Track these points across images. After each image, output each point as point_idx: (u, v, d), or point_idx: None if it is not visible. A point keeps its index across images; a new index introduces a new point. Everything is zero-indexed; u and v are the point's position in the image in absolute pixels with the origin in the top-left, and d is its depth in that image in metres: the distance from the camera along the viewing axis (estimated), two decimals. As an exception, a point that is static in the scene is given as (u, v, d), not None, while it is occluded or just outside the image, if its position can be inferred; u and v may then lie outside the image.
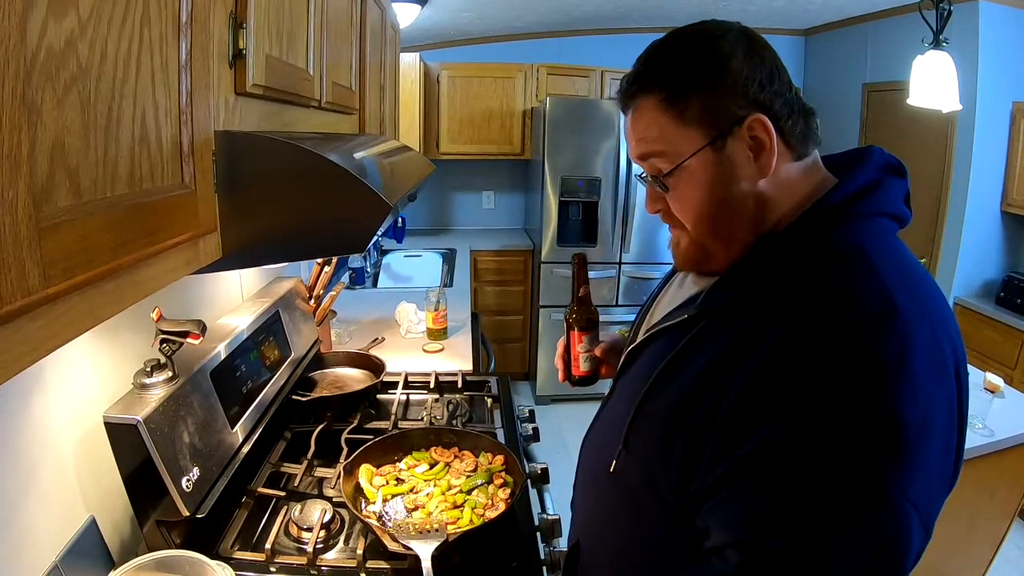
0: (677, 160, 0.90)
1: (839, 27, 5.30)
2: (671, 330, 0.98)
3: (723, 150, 0.88)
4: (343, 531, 1.47)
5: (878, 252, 0.84)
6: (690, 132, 0.88)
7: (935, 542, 0.92)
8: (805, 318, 0.79)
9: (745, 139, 0.87)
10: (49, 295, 0.56)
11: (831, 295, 0.81)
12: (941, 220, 4.37)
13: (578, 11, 4.76)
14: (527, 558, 1.40)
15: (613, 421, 1.06)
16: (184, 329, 1.31)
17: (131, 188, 0.71)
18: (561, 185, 4.57)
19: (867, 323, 0.76)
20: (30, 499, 1.10)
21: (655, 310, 1.15)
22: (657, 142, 0.91)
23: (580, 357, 1.38)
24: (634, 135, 0.95)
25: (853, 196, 0.88)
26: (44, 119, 0.55)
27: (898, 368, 0.74)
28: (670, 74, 0.89)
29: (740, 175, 0.88)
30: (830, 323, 0.78)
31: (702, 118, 0.87)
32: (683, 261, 1.01)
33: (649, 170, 0.95)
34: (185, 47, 0.82)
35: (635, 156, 0.96)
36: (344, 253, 1.13)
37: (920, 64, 2.75)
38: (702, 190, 0.90)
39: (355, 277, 3.86)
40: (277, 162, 0.99)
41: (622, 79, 0.96)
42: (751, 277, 0.90)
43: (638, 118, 0.93)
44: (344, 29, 1.71)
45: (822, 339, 0.77)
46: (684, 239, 0.97)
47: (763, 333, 0.81)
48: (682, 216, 0.94)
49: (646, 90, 0.91)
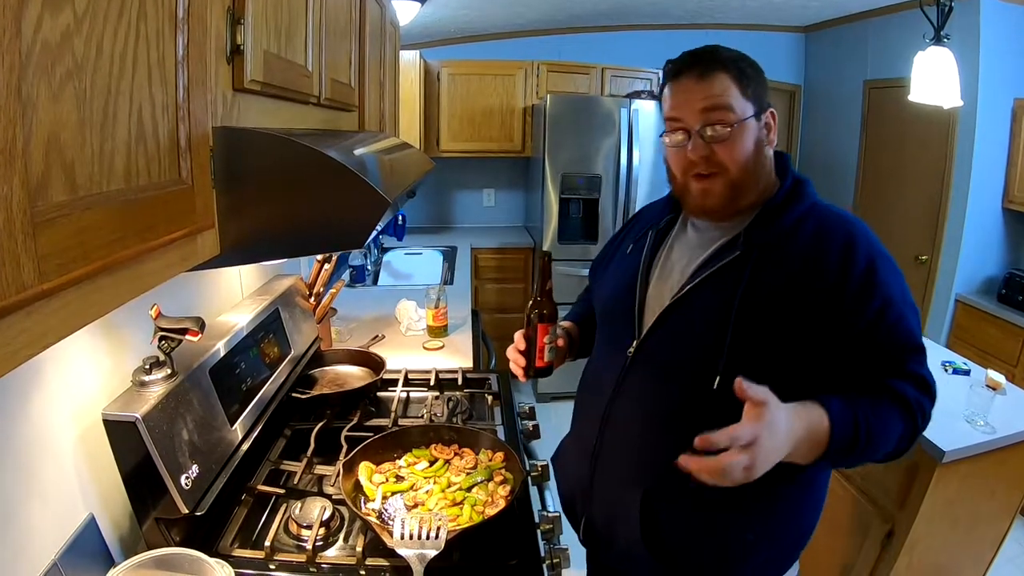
0: (740, 118, 1.25)
1: (840, 24, 5.30)
2: (721, 272, 1.28)
3: (759, 122, 1.28)
4: (343, 529, 1.47)
5: (821, 202, 1.33)
6: (747, 104, 1.26)
7: (936, 541, 0.97)
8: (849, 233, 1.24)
9: (763, 120, 1.29)
10: (44, 290, 0.56)
11: (842, 219, 1.28)
12: (942, 217, 4.37)
13: (578, 8, 4.75)
14: (527, 555, 1.40)
15: (687, 352, 1.30)
16: (183, 326, 1.31)
17: (127, 183, 0.71)
18: (562, 182, 4.56)
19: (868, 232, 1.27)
20: (29, 497, 1.10)
21: (663, 268, 1.41)
22: (728, 100, 1.24)
23: (545, 348, 1.48)
24: (706, 92, 1.25)
25: (797, 177, 1.35)
26: (39, 114, 0.55)
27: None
28: (738, 66, 1.26)
29: (764, 141, 1.30)
30: (860, 233, 1.25)
31: (753, 98, 1.27)
32: (715, 203, 1.30)
33: (712, 120, 1.24)
34: (182, 42, 0.82)
35: (700, 109, 1.25)
36: (343, 249, 1.13)
37: (921, 60, 2.74)
38: (749, 143, 1.27)
39: (355, 275, 3.86)
40: (275, 158, 0.99)
41: (687, 56, 1.29)
42: (775, 221, 1.28)
43: (714, 83, 1.25)
44: (343, 26, 1.71)
45: (864, 241, 1.24)
46: (718, 184, 1.28)
47: (825, 246, 1.23)
48: (730, 159, 1.25)
49: (721, 68, 1.25)
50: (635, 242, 1.52)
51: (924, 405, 1.21)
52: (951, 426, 2.18)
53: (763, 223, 1.29)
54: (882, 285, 1.21)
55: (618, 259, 1.56)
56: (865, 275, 1.20)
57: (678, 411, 1.31)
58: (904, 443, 1.21)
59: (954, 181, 4.27)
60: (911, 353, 1.23)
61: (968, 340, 4.16)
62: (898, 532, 2.21)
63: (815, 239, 1.25)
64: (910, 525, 2.16)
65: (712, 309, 1.27)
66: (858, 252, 1.22)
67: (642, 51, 5.51)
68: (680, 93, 1.29)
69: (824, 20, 5.40)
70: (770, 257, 1.25)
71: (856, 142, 5.16)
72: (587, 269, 1.49)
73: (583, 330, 1.69)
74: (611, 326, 1.49)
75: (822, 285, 1.20)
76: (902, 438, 1.20)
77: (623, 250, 1.55)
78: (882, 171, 4.95)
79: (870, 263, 1.21)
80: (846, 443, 1.13)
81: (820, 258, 1.22)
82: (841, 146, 5.29)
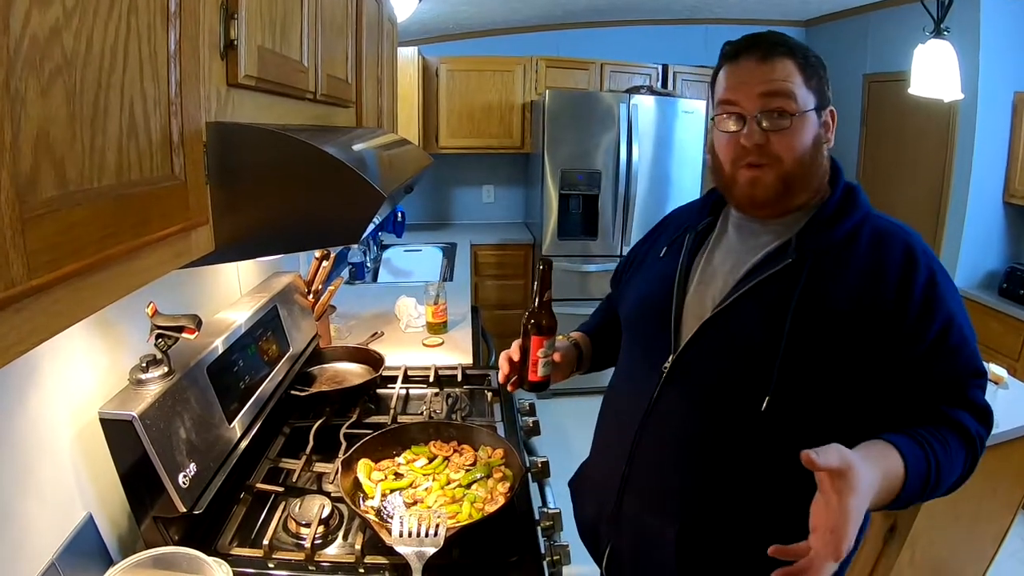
0: (802, 109, 1.16)
1: (839, 18, 5.28)
2: (770, 281, 1.19)
3: (819, 117, 1.19)
4: (342, 526, 1.46)
5: (875, 212, 1.24)
6: (809, 95, 1.17)
7: (938, 536, 0.97)
8: (907, 244, 1.16)
9: (823, 117, 1.21)
10: (34, 287, 0.55)
11: (899, 229, 1.20)
12: (943, 211, 4.36)
13: (576, 4, 4.75)
14: (526, 552, 1.39)
15: (731, 370, 1.20)
16: (179, 324, 1.30)
17: (119, 179, 0.70)
18: (561, 178, 4.55)
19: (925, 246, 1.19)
20: (27, 496, 1.09)
21: (704, 273, 1.31)
22: (792, 86, 1.16)
23: (539, 362, 1.38)
24: (769, 76, 1.16)
25: (848, 181, 1.27)
26: (28, 109, 0.54)
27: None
28: (804, 54, 1.18)
29: (823, 139, 1.21)
30: (918, 245, 1.17)
31: (816, 90, 1.18)
32: (764, 194, 1.20)
33: (771, 106, 1.16)
34: (174, 37, 0.81)
35: (760, 93, 1.16)
36: (339, 244, 1.12)
37: (921, 53, 2.74)
38: (808, 137, 1.17)
39: (355, 272, 3.85)
40: (269, 153, 0.98)
41: (749, 38, 1.20)
42: (830, 228, 1.19)
43: (777, 67, 1.16)
44: (339, 21, 1.70)
45: (923, 253, 1.16)
46: (770, 175, 1.18)
47: (884, 258, 1.15)
48: (787, 151, 1.16)
49: (786, 54, 1.17)
50: (670, 244, 1.40)
51: (983, 436, 1.14)
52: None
53: (815, 229, 1.19)
54: (944, 301, 1.13)
55: (649, 263, 1.45)
56: (926, 290, 1.12)
57: (720, 436, 1.21)
58: (965, 476, 1.14)
59: (955, 175, 4.26)
60: (972, 378, 1.14)
61: (969, 334, 4.15)
62: (900, 527, 2.20)
63: (872, 250, 1.17)
64: (912, 520, 2.15)
65: (762, 321, 1.17)
66: (919, 265, 1.14)
67: (641, 46, 5.50)
68: (738, 74, 1.19)
69: (824, 14, 5.39)
70: (824, 266, 1.16)
71: (856, 136, 5.15)
72: (588, 266, 1.43)
73: (598, 342, 1.61)
74: (642, 338, 1.38)
75: (882, 300, 1.12)
76: (963, 474, 1.13)
77: (655, 253, 1.43)
78: (882, 165, 4.94)
79: (931, 277, 1.14)
80: (919, 486, 1.06)
81: (879, 270, 1.14)
82: (841, 140, 5.22)
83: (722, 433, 1.21)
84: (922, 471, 1.05)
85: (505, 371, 1.44)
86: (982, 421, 1.14)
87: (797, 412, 1.16)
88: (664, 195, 4.65)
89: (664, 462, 1.27)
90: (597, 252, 4.68)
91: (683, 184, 4.62)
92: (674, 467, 1.26)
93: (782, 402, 1.14)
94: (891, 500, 1.04)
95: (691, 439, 1.24)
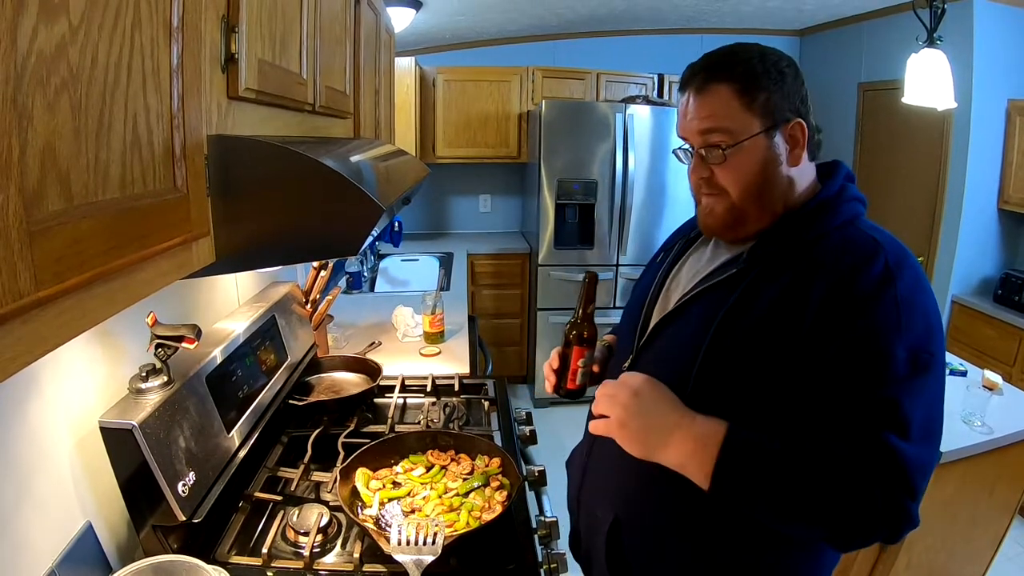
0: (739, 138, 1.11)
1: (833, 27, 5.32)
2: (715, 289, 1.17)
3: (772, 138, 1.12)
4: (340, 535, 1.47)
5: (864, 223, 1.16)
6: (752, 119, 1.11)
7: (935, 541, 0.96)
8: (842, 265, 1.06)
9: (786, 135, 1.13)
10: (40, 299, 0.56)
11: (869, 241, 1.08)
12: (938, 218, 4.39)
13: (573, 14, 4.77)
14: (523, 560, 1.40)
15: (665, 372, 1.17)
16: (179, 334, 1.31)
17: (122, 192, 0.71)
18: (558, 188, 4.57)
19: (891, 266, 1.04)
20: (27, 505, 1.10)
21: (673, 281, 1.33)
22: (725, 119, 1.11)
23: (578, 372, 1.39)
24: (701, 112, 1.14)
25: (839, 189, 1.18)
26: (35, 124, 0.56)
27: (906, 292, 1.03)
28: (747, 72, 1.11)
29: (779, 160, 1.14)
30: (890, 253, 1.05)
31: (763, 110, 1.11)
32: (716, 223, 1.20)
33: (709, 142, 1.14)
34: (176, 52, 0.82)
35: (696, 130, 1.15)
36: (337, 256, 1.13)
37: (915, 63, 2.75)
38: (753, 164, 1.13)
39: (352, 281, 3.86)
40: (269, 165, 0.99)
41: (693, 66, 1.17)
42: (788, 238, 1.13)
43: (709, 99, 1.13)
44: (338, 33, 1.72)
45: (893, 260, 1.04)
46: (720, 205, 1.17)
47: (839, 261, 1.06)
48: (730, 184, 1.14)
49: (723, 79, 1.12)
50: (665, 251, 1.44)
51: (890, 489, 0.97)
52: (948, 427, 2.17)
53: (778, 237, 1.14)
54: (878, 318, 1.00)
55: (649, 268, 1.48)
56: (865, 299, 1.01)
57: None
58: (838, 537, 1.03)
59: (949, 182, 4.28)
60: (885, 419, 0.98)
61: (965, 341, 4.17)
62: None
63: (830, 255, 1.08)
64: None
65: (694, 330, 1.17)
66: (870, 270, 1.03)
67: (637, 56, 5.54)
68: (682, 109, 1.19)
69: (818, 23, 5.43)
70: (772, 274, 1.11)
71: (851, 144, 5.18)
72: (583, 274, 1.43)
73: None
74: (621, 337, 1.44)
75: (815, 302, 1.04)
76: (833, 527, 1.01)
77: (656, 259, 1.47)
78: (877, 173, 4.97)
79: (879, 288, 1.01)
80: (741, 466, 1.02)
81: (826, 273, 1.06)
82: (836, 148, 5.29)
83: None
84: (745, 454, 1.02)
85: (552, 381, 1.44)
86: (890, 477, 0.97)
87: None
88: (660, 205, 4.67)
89: (610, 455, 1.26)
90: (593, 262, 4.70)
91: (679, 194, 4.63)
92: (614, 464, 1.28)
93: (699, 408, 1.10)
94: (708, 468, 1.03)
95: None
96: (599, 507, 1.33)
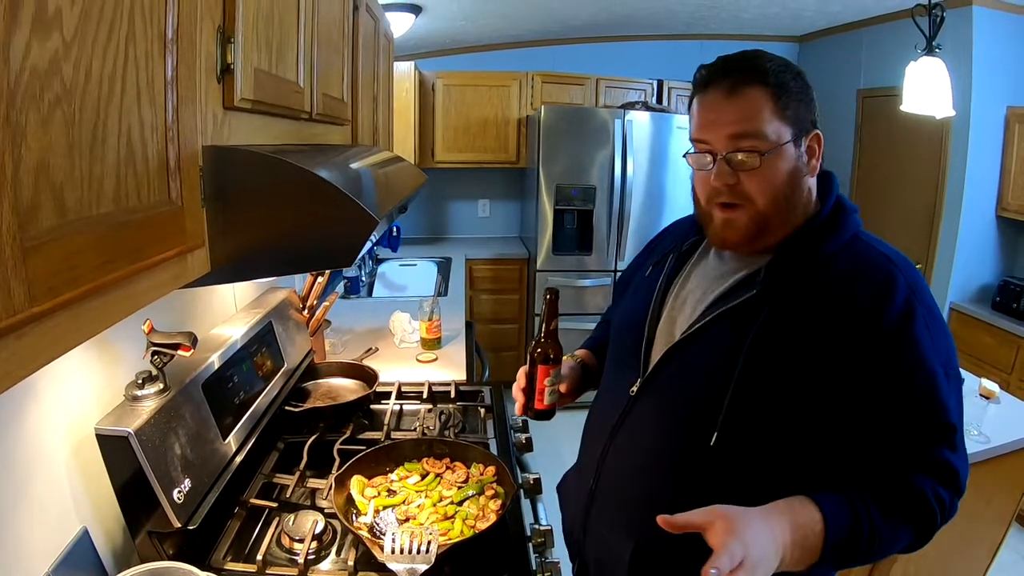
0: (774, 145, 1.09)
1: (833, 34, 5.33)
2: (733, 312, 1.15)
3: (799, 147, 1.12)
4: (335, 542, 1.47)
5: (867, 236, 1.18)
6: (784, 126, 1.10)
7: (932, 549, 0.99)
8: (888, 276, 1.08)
9: (806, 145, 1.13)
10: (35, 314, 0.57)
11: (883, 258, 1.12)
12: (936, 225, 4.39)
13: (573, 19, 4.78)
14: (517, 569, 1.40)
15: (688, 400, 1.18)
16: (175, 341, 1.31)
17: (117, 205, 0.71)
18: (556, 193, 4.58)
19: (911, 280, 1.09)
20: (23, 510, 1.10)
21: (677, 299, 1.28)
22: (761, 124, 1.08)
23: (545, 391, 1.38)
24: (733, 115, 1.10)
25: (839, 202, 1.20)
26: (28, 140, 0.56)
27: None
28: (781, 79, 1.09)
29: (803, 170, 1.14)
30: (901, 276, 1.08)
31: (794, 119, 1.10)
32: (737, 236, 1.16)
33: (739, 147, 1.09)
34: (171, 64, 0.82)
35: (727, 134, 1.10)
36: (332, 267, 1.14)
37: (913, 71, 2.76)
38: (782, 173, 1.11)
39: (350, 286, 3.87)
40: (264, 177, 0.99)
41: (712, 67, 1.13)
42: (804, 254, 1.13)
43: (743, 102, 1.09)
44: (336, 41, 1.72)
45: (906, 286, 1.07)
46: (744, 216, 1.13)
47: (856, 290, 1.08)
48: (758, 192, 1.11)
49: (757, 82, 1.09)
50: (655, 265, 1.39)
51: (945, 500, 1.05)
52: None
53: (791, 256, 1.14)
54: (916, 344, 1.04)
55: (637, 281, 1.45)
56: (897, 329, 1.04)
57: (673, 466, 1.20)
58: (918, 543, 1.08)
59: (948, 189, 4.29)
60: (940, 433, 1.05)
61: (963, 348, 4.17)
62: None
63: (847, 278, 1.10)
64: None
65: (719, 355, 1.14)
66: (894, 300, 1.05)
67: (636, 62, 5.55)
68: (707, 111, 1.13)
69: (817, 30, 5.44)
70: (794, 297, 1.11)
71: (850, 151, 5.19)
72: (582, 280, 1.43)
73: (603, 357, 1.56)
74: (618, 359, 1.38)
75: (846, 335, 1.06)
76: (916, 539, 1.07)
77: (643, 271, 1.43)
78: (876, 180, 4.97)
79: (907, 314, 1.05)
80: (846, 547, 1.01)
81: (850, 302, 1.07)
82: (835, 155, 5.30)
83: (675, 463, 1.20)
84: (844, 532, 1.00)
85: (521, 401, 1.44)
86: (947, 483, 1.05)
87: (747, 450, 1.13)
88: (659, 211, 4.68)
89: (623, 485, 1.27)
90: (592, 267, 4.70)
91: (677, 200, 4.64)
92: (631, 491, 1.26)
93: (731, 439, 1.11)
94: (816, 559, 1.00)
95: (647, 465, 1.24)
96: (613, 535, 1.29)
